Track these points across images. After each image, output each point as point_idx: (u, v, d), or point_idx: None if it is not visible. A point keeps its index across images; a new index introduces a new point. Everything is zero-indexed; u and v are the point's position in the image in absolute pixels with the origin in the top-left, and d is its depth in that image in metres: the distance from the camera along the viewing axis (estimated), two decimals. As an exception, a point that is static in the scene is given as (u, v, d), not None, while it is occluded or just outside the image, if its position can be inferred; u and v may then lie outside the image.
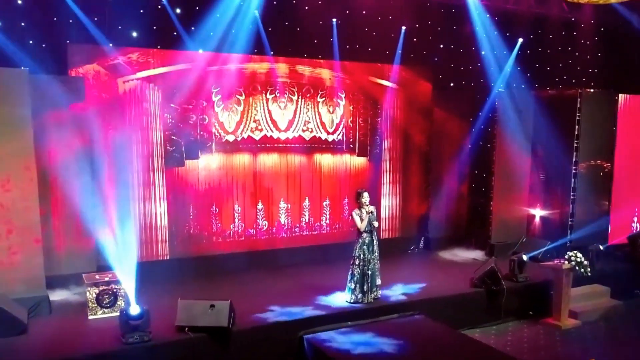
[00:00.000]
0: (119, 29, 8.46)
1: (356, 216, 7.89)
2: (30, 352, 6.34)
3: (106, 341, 6.59)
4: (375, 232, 8.05)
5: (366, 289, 7.94)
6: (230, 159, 9.61)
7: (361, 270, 7.93)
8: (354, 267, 7.97)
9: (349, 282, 8.04)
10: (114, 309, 7.37)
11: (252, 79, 9.60)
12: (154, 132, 8.94)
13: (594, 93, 10.71)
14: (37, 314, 7.23)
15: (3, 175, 7.08)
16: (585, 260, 8.60)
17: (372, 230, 7.98)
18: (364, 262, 7.93)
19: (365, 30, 10.35)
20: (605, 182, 10.87)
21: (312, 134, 10.24)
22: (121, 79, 8.63)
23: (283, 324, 7.32)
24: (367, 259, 7.93)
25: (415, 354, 6.92)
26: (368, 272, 7.93)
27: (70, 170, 8.08)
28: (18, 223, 7.24)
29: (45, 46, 7.99)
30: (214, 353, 6.76)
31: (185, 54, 8.98)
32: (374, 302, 8.02)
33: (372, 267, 7.97)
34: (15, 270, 7.22)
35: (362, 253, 7.93)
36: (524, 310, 8.98)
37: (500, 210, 11.05)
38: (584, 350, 7.92)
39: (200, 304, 6.86)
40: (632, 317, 9.13)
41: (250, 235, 9.92)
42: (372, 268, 7.97)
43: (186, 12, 8.88)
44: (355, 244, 7.99)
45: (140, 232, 9.00)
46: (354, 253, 7.98)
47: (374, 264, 7.99)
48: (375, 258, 8.02)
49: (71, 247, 8.27)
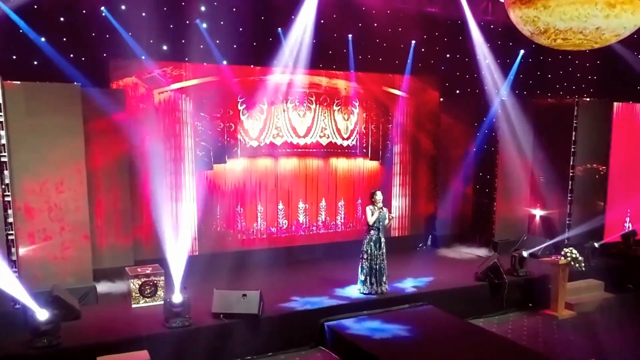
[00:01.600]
0: (153, 43, 9.18)
1: (368, 211, 8.68)
2: (86, 334, 7.14)
3: (151, 325, 7.42)
4: (382, 231, 8.79)
5: (374, 281, 8.73)
6: (253, 162, 10.40)
7: (369, 264, 8.71)
8: (363, 261, 8.77)
9: (359, 275, 8.84)
10: (154, 299, 8.22)
11: (274, 90, 10.37)
12: (186, 138, 9.76)
13: (590, 102, 11.35)
14: (86, 303, 8.04)
15: (57, 179, 7.91)
16: (580, 256, 9.34)
17: (380, 229, 8.73)
18: (371, 257, 8.70)
19: (377, 43, 11.01)
20: (600, 184, 11.43)
21: (328, 139, 11.02)
22: (157, 91, 9.45)
23: (306, 312, 8.13)
24: (374, 255, 8.70)
25: (426, 339, 7.73)
26: (375, 266, 8.70)
27: (112, 174, 8.94)
28: (69, 221, 8.08)
29: (90, 61, 8.78)
30: (246, 337, 7.56)
31: (214, 67, 9.77)
32: (385, 294, 8.78)
33: (379, 262, 8.73)
34: (67, 264, 8.05)
35: (370, 248, 8.71)
36: (524, 302, 9.67)
37: (503, 210, 11.64)
38: (579, 338, 8.63)
39: (233, 293, 7.67)
40: (625, 309, 9.76)
41: (271, 233, 10.72)
42: (379, 263, 8.73)
43: (212, 27, 9.58)
44: (363, 240, 8.80)
45: (173, 230, 9.82)
46: (363, 248, 8.77)
47: (380, 259, 8.74)
48: (382, 255, 8.76)
49: (112, 243, 9.03)
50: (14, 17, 7.96)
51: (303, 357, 7.77)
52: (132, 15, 8.89)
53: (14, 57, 8.07)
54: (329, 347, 7.93)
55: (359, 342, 7.47)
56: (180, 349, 7.17)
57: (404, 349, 7.36)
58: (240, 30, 9.76)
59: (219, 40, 9.60)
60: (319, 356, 7.80)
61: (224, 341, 7.45)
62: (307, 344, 7.97)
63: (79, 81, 8.31)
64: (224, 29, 9.63)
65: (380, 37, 10.99)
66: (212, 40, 9.52)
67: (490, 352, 7.36)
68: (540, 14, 4.01)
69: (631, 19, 3.90)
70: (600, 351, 7.97)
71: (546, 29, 4.09)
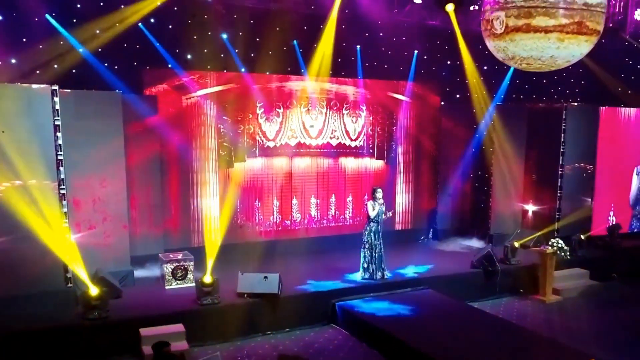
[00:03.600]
0: (180, 53, 10.21)
1: (370, 205, 9.71)
2: (128, 310, 8.21)
3: (184, 303, 8.50)
4: (381, 223, 9.80)
5: (374, 268, 9.74)
6: (270, 161, 11.43)
7: (370, 252, 9.73)
8: (364, 250, 9.79)
9: (361, 263, 9.86)
10: (185, 281, 9.28)
11: (289, 95, 11.43)
12: (210, 139, 10.81)
13: (578, 106, 12.29)
14: (125, 284, 9.07)
15: (101, 175, 8.95)
16: (565, 246, 10.35)
17: (379, 222, 9.75)
18: (371, 246, 9.72)
19: (382, 52, 11.95)
20: (588, 181, 12.36)
21: (338, 140, 12.04)
22: (185, 97, 10.51)
23: (319, 294, 9.18)
24: (374, 244, 9.71)
25: (426, 317, 8.75)
26: (375, 254, 9.72)
27: (145, 171, 10.01)
28: (110, 212, 9.12)
29: (126, 70, 9.79)
30: (267, 314, 8.61)
31: (235, 75, 10.80)
32: (387, 279, 9.79)
33: (378, 251, 9.74)
34: (108, 250, 9.07)
35: (370, 239, 9.73)
36: (515, 288, 10.63)
37: (498, 206, 12.60)
38: (563, 319, 9.58)
39: (256, 275, 8.73)
40: (607, 295, 10.76)
41: (286, 225, 11.76)
42: (378, 252, 9.74)
43: (232, 37, 10.53)
44: (364, 231, 9.81)
45: (197, 222, 10.89)
46: (364, 238, 9.79)
47: (379, 248, 9.75)
48: (381, 244, 9.76)
49: (145, 233, 10.08)
50: (63, 32, 9.01)
51: (317, 332, 8.79)
52: (162, 28, 9.94)
53: (65, 68, 9.07)
54: (339, 324, 8.97)
55: (366, 319, 8.53)
56: (210, 323, 8.22)
57: (407, 324, 8.38)
58: (257, 41, 10.75)
59: (238, 50, 10.57)
60: (330, 332, 8.83)
61: (248, 317, 8.47)
62: (320, 321, 9.01)
63: (123, 89, 9.37)
64: (242, 39, 10.60)
65: (385, 47, 11.92)
66: (233, 50, 10.47)
67: (483, 328, 8.37)
68: (508, 45, 5.03)
69: (577, 49, 4.92)
70: (580, 330, 8.98)
71: (513, 56, 5.13)
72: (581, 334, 8.74)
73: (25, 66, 8.55)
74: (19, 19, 8.77)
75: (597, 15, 4.73)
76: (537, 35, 4.67)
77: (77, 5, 9.25)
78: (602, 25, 4.91)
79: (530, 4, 4.53)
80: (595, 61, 11.66)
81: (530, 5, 4.55)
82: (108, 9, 9.29)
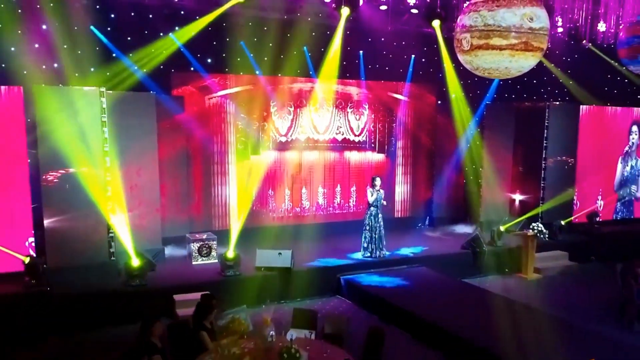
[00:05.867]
0: (201, 58, 11.48)
1: (369, 192, 11.07)
2: (163, 280, 9.59)
3: (210, 275, 9.86)
4: (380, 208, 11.13)
5: (374, 247, 11.08)
6: (282, 154, 12.74)
7: (370, 234, 11.07)
8: (365, 232, 11.13)
9: (362, 242, 11.20)
10: (209, 258, 10.62)
11: (299, 95, 12.76)
12: (229, 135, 12.16)
13: (559, 105, 13.56)
14: (157, 260, 10.40)
15: (138, 166, 10.30)
16: (544, 230, 11.64)
17: (378, 206, 11.08)
18: (371, 228, 11.06)
19: (383, 56, 13.22)
20: (569, 173, 13.60)
21: (343, 136, 13.35)
22: (207, 97, 11.86)
23: (326, 268, 10.53)
24: (373, 226, 11.05)
25: (420, 289, 10.04)
26: (375, 235, 11.06)
27: (173, 163, 11.35)
28: (145, 198, 10.48)
29: (157, 73, 11.01)
30: (281, 285, 9.93)
31: (251, 77, 12.12)
32: (386, 257, 11.10)
33: (378, 232, 11.08)
34: (143, 231, 10.38)
35: (371, 221, 11.07)
36: (501, 267, 11.81)
37: (488, 195, 13.75)
38: (542, 293, 10.76)
39: (271, 251, 10.07)
40: (583, 274, 11.98)
41: (296, 212, 13.09)
42: (378, 233, 11.08)
43: (248, 42, 11.70)
44: (365, 215, 11.17)
45: (218, 208, 12.25)
46: (365, 221, 11.13)
47: (379, 230, 11.09)
48: (380, 226, 11.10)
49: (172, 217, 11.43)
50: (103, 39, 10.35)
51: (324, 301, 10.10)
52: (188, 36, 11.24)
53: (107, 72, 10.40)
54: (344, 295, 10.31)
55: (368, 290, 9.88)
56: (232, 292, 9.43)
57: (403, 294, 9.68)
58: (270, 47, 11.97)
59: (253, 55, 11.82)
60: (336, 301, 10.16)
61: (265, 288, 9.77)
62: (327, 292, 10.32)
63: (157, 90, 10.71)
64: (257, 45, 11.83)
65: (386, 51, 13.21)
66: (249, 55, 11.73)
67: (469, 297, 9.70)
68: (473, 59, 6.37)
69: (525, 62, 6.27)
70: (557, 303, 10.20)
71: (477, 67, 6.47)
72: (557, 306, 9.82)
73: (74, 70, 9.85)
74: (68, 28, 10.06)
75: (540, 36, 6.08)
76: (494, 51, 6.03)
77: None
78: (545, 44, 6.26)
79: (488, 29, 5.90)
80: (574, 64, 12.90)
81: (489, 29, 5.92)
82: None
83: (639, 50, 8.08)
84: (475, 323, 8.18)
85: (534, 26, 5.95)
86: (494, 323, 7.93)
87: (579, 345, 7.53)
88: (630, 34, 8.24)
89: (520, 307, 9.05)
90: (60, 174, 9.07)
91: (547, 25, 6.17)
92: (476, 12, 6.17)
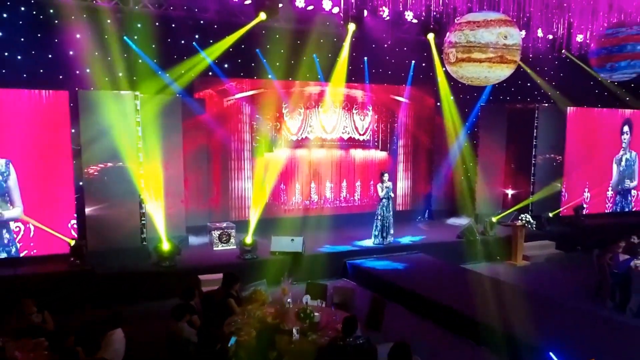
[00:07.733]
0: (219, 64, 12.59)
1: (379, 187, 12.26)
2: (189, 262, 10.79)
3: (230, 259, 11.06)
4: (390, 200, 12.34)
5: (384, 235, 12.28)
6: (293, 152, 13.88)
7: (381, 223, 12.26)
8: (377, 221, 12.31)
9: (373, 231, 12.39)
10: (228, 244, 11.81)
11: (309, 98, 13.93)
12: (245, 134, 13.34)
13: (548, 106, 14.66)
14: (182, 246, 11.53)
15: (165, 161, 11.40)
16: (532, 220, 12.75)
17: (389, 198, 12.28)
18: (382, 218, 12.25)
19: (386, 61, 14.32)
20: (557, 169, 14.65)
21: (348, 135, 14.49)
22: (226, 99, 13.05)
23: (334, 254, 11.71)
24: (384, 216, 12.25)
25: (418, 271, 11.20)
26: (386, 224, 12.26)
27: (195, 159, 12.53)
28: (171, 190, 11.61)
29: (180, 77, 12.10)
30: (293, 268, 10.96)
31: (266, 81, 13.29)
32: (389, 245, 12.30)
33: (387, 221, 12.28)
34: (169, 219, 11.46)
35: (383, 212, 12.25)
36: (492, 255, 12.92)
37: (483, 190, 14.86)
38: (529, 278, 11.88)
39: (285, 238, 11.26)
40: (569, 262, 13.02)
41: (306, 205, 14.23)
42: (387, 222, 12.28)
43: (263, 49, 12.89)
44: (377, 206, 12.35)
45: (235, 200, 13.44)
46: (377, 212, 12.31)
47: (388, 220, 12.29)
48: (391, 216, 12.31)
49: (194, 209, 12.60)
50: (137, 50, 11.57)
51: (332, 283, 11.12)
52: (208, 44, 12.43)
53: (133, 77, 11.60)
54: (349, 277, 11.48)
55: (371, 272, 11.06)
56: (250, 273, 10.52)
57: (403, 276, 10.85)
58: (282, 53, 13.13)
59: (267, 60, 13.00)
60: (342, 282, 11.28)
61: (278, 270, 10.74)
62: (334, 275, 11.46)
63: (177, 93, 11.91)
64: (271, 51, 13.02)
65: (388, 57, 14.30)
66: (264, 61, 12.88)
67: (462, 278, 10.78)
68: (458, 70, 7.56)
69: (501, 72, 7.44)
70: (543, 286, 11.29)
71: (462, 76, 7.67)
72: (543, 288, 10.94)
73: (114, 76, 11.09)
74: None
75: (514, 51, 7.29)
76: (475, 63, 7.23)
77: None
78: (517, 57, 7.47)
79: (470, 45, 7.12)
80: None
81: (470, 46, 7.13)
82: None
83: (606, 60, 9.21)
84: (463, 297, 9.32)
85: (508, 43, 7.16)
86: (479, 297, 9.10)
87: (554, 317, 8.65)
88: (599, 45, 9.40)
89: (505, 286, 10.19)
90: (99, 168, 10.29)
91: (519, 41, 7.37)
92: (460, 31, 7.40)
